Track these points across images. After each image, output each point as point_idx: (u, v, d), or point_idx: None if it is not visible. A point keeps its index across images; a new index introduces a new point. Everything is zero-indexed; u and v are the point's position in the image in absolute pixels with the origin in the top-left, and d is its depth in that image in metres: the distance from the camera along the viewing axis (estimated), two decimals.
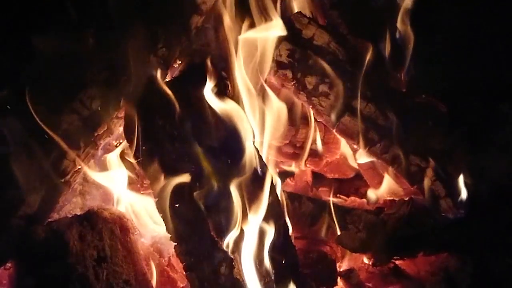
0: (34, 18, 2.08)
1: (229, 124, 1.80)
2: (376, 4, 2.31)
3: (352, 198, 2.29)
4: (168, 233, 1.73)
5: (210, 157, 1.77)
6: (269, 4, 2.05)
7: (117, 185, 1.98)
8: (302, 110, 2.24)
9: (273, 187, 1.85)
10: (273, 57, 2.07)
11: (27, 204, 1.75)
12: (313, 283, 1.92)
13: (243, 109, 1.98)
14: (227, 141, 1.80)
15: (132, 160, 1.88)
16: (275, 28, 2.02)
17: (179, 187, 1.73)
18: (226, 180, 1.75)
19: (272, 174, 1.87)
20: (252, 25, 2.04)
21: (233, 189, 1.75)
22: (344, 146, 2.31)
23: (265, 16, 2.04)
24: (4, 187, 1.74)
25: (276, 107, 2.09)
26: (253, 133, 2.00)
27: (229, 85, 1.96)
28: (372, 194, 2.21)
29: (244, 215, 1.75)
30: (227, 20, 2.04)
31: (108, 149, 2.04)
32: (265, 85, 2.07)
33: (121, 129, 1.93)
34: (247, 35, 2.02)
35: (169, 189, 1.73)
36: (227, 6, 2.05)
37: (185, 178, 1.74)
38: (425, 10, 2.26)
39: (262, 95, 2.08)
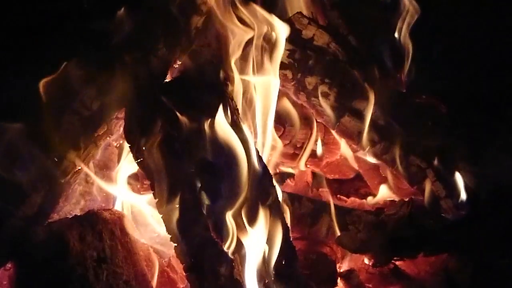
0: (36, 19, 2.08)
1: (229, 125, 1.80)
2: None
3: (352, 198, 2.29)
4: (168, 233, 1.73)
5: (210, 157, 1.76)
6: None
7: (117, 185, 1.98)
8: (302, 111, 2.24)
9: (273, 187, 1.85)
10: None
11: (27, 204, 1.75)
12: (313, 284, 1.92)
13: (243, 109, 1.98)
14: (227, 141, 1.80)
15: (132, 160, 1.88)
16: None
17: (180, 188, 1.73)
18: (227, 181, 1.75)
19: (272, 175, 1.87)
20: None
21: (234, 189, 1.75)
22: (344, 146, 2.30)
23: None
24: (4, 187, 1.74)
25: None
26: (254, 134, 2.00)
27: (229, 85, 1.96)
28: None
29: (244, 216, 1.75)
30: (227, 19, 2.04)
31: (108, 149, 2.04)
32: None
33: (121, 129, 1.93)
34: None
35: (170, 190, 1.73)
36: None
37: (185, 178, 1.74)
38: (426, 10, 2.26)
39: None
